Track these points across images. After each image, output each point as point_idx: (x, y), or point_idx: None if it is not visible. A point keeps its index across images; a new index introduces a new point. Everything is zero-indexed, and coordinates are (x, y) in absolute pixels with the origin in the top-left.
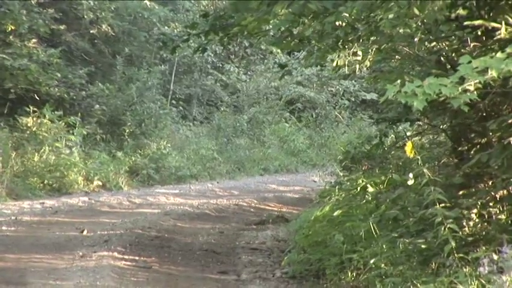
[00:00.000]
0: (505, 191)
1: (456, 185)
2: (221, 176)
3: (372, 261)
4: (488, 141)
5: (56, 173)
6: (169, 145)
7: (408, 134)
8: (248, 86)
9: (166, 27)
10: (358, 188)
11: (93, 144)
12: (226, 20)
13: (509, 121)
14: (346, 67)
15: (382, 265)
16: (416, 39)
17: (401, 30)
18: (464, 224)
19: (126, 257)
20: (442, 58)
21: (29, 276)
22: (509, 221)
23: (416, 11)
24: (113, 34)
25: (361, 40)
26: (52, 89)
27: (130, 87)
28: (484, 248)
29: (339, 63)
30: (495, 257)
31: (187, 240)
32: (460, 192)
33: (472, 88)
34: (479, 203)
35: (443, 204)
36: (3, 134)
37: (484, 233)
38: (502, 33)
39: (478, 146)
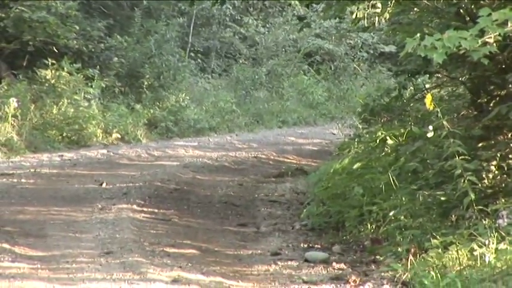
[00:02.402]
0: None
1: (475, 137)
2: (240, 129)
3: (391, 213)
4: (508, 94)
5: (75, 125)
6: (187, 98)
7: (427, 86)
8: (266, 38)
9: None
10: (377, 141)
11: (112, 97)
12: None
13: None
14: (365, 19)
15: (402, 217)
16: None
17: None
18: (484, 176)
19: (145, 209)
20: (461, 10)
21: (48, 228)
22: None
23: None
24: None
25: None
26: (70, 42)
27: (148, 39)
28: (503, 200)
29: (358, 16)
30: None
31: (206, 192)
32: (480, 144)
33: (491, 41)
34: (498, 155)
35: (462, 157)
36: (22, 87)
37: (503, 185)
38: None
39: (498, 98)
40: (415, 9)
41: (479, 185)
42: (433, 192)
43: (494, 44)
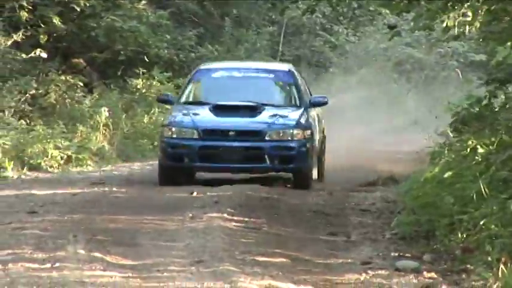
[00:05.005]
0: None
1: None
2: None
3: (482, 222)
4: None
5: None
6: None
7: None
8: (357, 47)
9: None
10: (468, 149)
11: None
12: None
13: None
14: (456, 28)
15: (493, 226)
16: None
17: None
18: None
19: (235, 218)
20: None
21: (139, 237)
22: None
23: None
24: None
25: (470, 1)
26: (161, 51)
27: (239, 48)
28: None
29: (448, 24)
30: None
31: (296, 201)
32: None
33: None
34: None
35: None
36: (114, 96)
37: None
38: None
39: None
40: (506, 17)
41: None
42: None
43: None
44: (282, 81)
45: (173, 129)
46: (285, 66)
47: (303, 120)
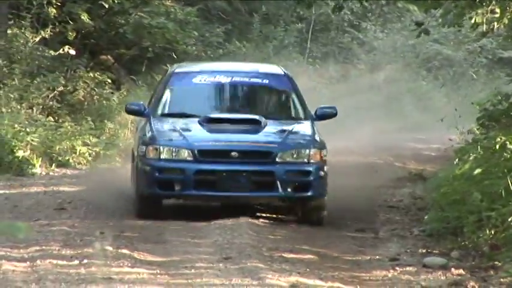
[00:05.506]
0: None
1: None
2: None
3: (510, 219)
4: None
5: None
6: None
7: None
8: (385, 44)
9: None
10: (497, 146)
11: None
12: None
13: None
14: (484, 24)
15: None
16: None
17: None
18: None
19: (263, 214)
20: None
21: (167, 234)
22: None
23: None
24: None
25: None
26: (189, 48)
27: (267, 45)
28: None
29: (476, 21)
30: None
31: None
32: None
33: None
34: None
35: None
36: (141, 92)
37: None
38: None
39: None
40: None
41: None
42: None
43: None
44: (278, 87)
45: (161, 148)
46: (279, 69)
47: (318, 138)
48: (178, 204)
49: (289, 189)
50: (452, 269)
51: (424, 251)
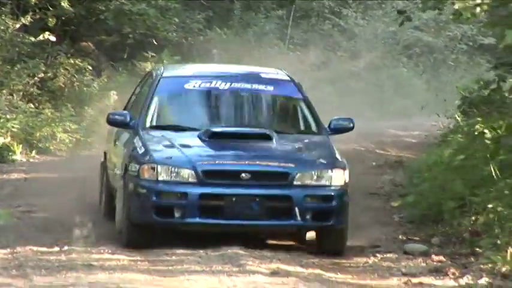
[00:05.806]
0: None
1: None
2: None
3: (490, 205)
4: None
5: None
6: None
7: None
8: (365, 30)
9: None
10: (476, 133)
11: None
12: None
13: None
14: (465, 11)
15: (501, 209)
16: None
17: None
18: None
19: None
20: None
21: None
22: None
23: None
24: None
25: None
26: (170, 34)
27: (247, 31)
28: None
29: (458, 7)
30: None
31: None
32: None
33: None
34: None
35: None
36: (122, 79)
37: None
38: None
39: None
40: None
41: None
42: None
43: None
44: (285, 95)
45: (158, 168)
46: (283, 74)
47: (338, 156)
48: None
49: (307, 217)
50: (433, 256)
51: (404, 237)
